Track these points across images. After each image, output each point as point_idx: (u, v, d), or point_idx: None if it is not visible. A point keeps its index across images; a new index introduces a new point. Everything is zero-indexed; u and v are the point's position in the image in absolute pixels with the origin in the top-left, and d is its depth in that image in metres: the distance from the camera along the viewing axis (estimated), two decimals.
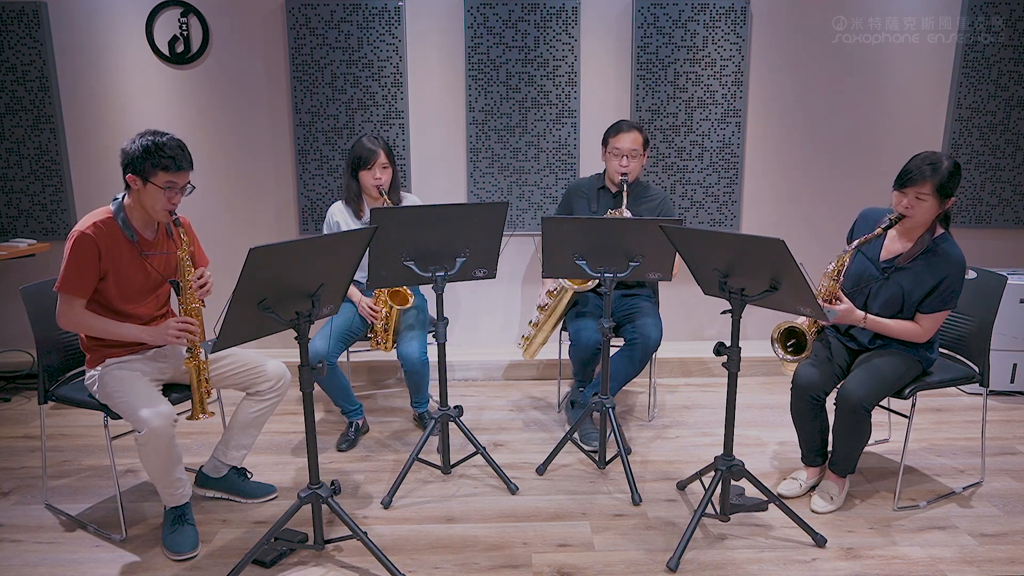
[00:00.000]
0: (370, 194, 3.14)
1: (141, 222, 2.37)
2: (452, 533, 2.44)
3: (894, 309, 2.47)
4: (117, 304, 2.34)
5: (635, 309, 3.14)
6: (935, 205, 2.33)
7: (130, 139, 2.26)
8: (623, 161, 3.10)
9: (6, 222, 3.87)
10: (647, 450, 3.07)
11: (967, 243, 4.04)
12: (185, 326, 2.31)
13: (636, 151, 3.10)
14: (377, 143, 3.09)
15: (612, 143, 3.13)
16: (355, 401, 3.16)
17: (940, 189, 2.30)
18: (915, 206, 2.33)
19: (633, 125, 3.14)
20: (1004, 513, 2.56)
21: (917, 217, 2.36)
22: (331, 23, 3.71)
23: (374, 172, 3.07)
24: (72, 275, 2.25)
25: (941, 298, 2.39)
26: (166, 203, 2.28)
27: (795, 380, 2.55)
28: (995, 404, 3.54)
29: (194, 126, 3.83)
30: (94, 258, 2.26)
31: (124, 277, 2.34)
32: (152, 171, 2.23)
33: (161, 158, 2.22)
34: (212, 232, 3.91)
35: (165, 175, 2.24)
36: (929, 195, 2.30)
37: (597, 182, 3.30)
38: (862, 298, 2.52)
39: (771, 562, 2.27)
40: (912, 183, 2.31)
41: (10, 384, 3.85)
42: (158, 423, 2.18)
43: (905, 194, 2.34)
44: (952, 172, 2.30)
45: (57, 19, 3.69)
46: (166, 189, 2.26)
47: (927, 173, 2.29)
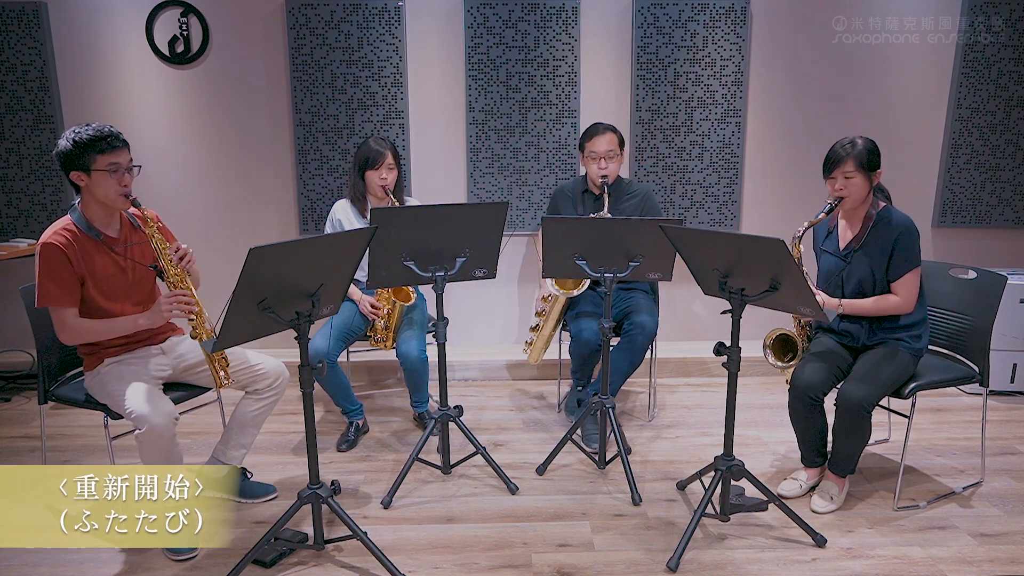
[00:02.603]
0: (375, 194, 3.16)
1: (102, 220, 2.33)
2: (452, 533, 2.45)
3: (868, 290, 2.55)
4: (104, 306, 2.32)
5: (631, 303, 3.14)
6: (863, 180, 2.47)
7: (57, 143, 2.23)
8: (601, 164, 3.10)
9: (6, 222, 3.87)
10: (647, 450, 3.07)
11: (967, 243, 4.11)
12: (175, 298, 2.27)
13: (613, 152, 3.11)
14: (384, 144, 3.13)
15: (588, 147, 3.13)
16: (355, 401, 3.16)
17: (862, 164, 2.45)
18: (846, 186, 2.47)
19: (607, 127, 3.13)
20: (1004, 513, 2.56)
21: (853, 195, 2.49)
22: (331, 23, 3.71)
23: (380, 172, 3.10)
24: (50, 287, 2.21)
25: (902, 259, 2.47)
26: (118, 188, 2.24)
27: (793, 381, 2.56)
28: (995, 404, 3.54)
29: (194, 126, 3.83)
30: (66, 264, 2.22)
31: (102, 278, 2.31)
32: (91, 158, 2.19)
33: (94, 142, 2.18)
34: (212, 232, 3.91)
35: (104, 157, 2.20)
36: (854, 171, 2.45)
37: (581, 185, 3.30)
38: (837, 290, 2.61)
39: (771, 562, 2.27)
40: (836, 165, 2.47)
41: (10, 384, 3.84)
42: (158, 420, 2.18)
43: (835, 178, 2.49)
44: (869, 148, 2.46)
45: (57, 19, 3.69)
46: (112, 172, 2.22)
47: (847, 152, 2.46)
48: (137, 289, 2.41)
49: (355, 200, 3.20)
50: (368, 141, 3.16)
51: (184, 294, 2.28)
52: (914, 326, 2.54)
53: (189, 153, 3.87)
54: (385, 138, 3.23)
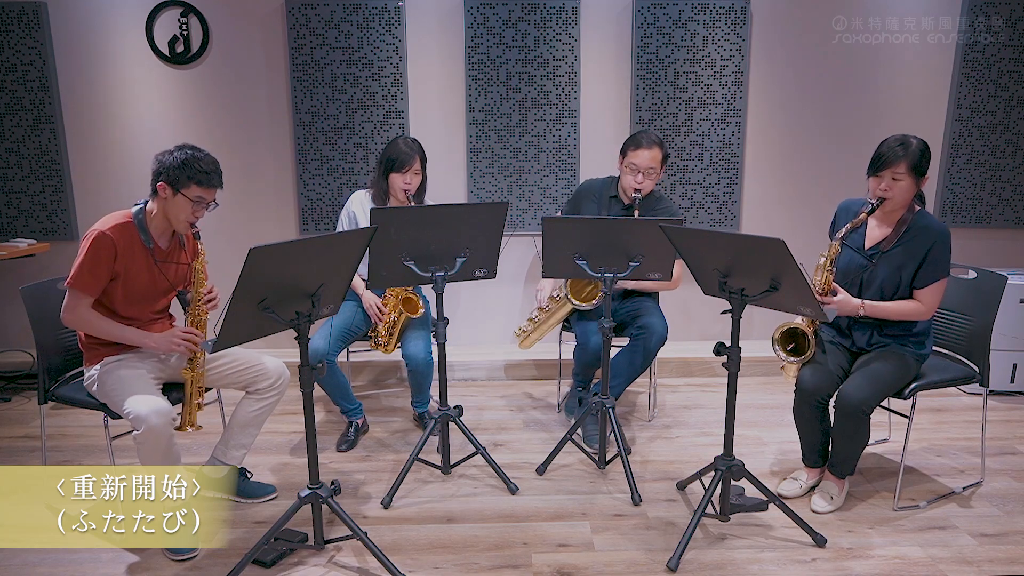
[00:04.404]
0: (396, 196, 3.09)
1: (159, 231, 2.40)
2: (452, 533, 2.44)
3: (889, 293, 2.48)
4: (120, 307, 2.36)
5: (638, 308, 3.13)
6: (911, 184, 2.38)
7: (168, 149, 2.31)
8: (638, 177, 2.98)
9: (6, 222, 3.87)
10: (647, 450, 3.07)
11: (967, 243, 4.10)
12: (190, 335, 2.36)
13: (653, 169, 2.98)
14: (413, 147, 3.05)
15: (630, 157, 3.00)
16: (354, 400, 3.16)
17: (914, 167, 2.36)
18: (892, 187, 2.38)
19: (654, 140, 2.98)
20: (1004, 513, 2.56)
21: (896, 198, 2.40)
22: (331, 23, 3.71)
23: (406, 177, 3.03)
24: (85, 273, 2.26)
25: (933, 268, 2.41)
26: (190, 216, 2.34)
27: (799, 384, 2.54)
28: (995, 404, 3.54)
29: (194, 126, 3.83)
30: (110, 259, 2.28)
31: (133, 282, 2.36)
32: (186, 183, 2.28)
33: (198, 172, 2.28)
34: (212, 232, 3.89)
35: (198, 189, 2.30)
36: (904, 174, 2.36)
37: (610, 188, 3.19)
38: (854, 289, 2.54)
39: (771, 562, 2.27)
40: (887, 165, 2.37)
41: (10, 384, 3.84)
42: (156, 421, 2.18)
43: (881, 177, 2.39)
44: (923, 150, 2.37)
45: (57, 19, 3.69)
46: (195, 203, 2.31)
47: (900, 153, 2.35)
48: (157, 302, 2.48)
49: (376, 198, 3.12)
50: (397, 141, 3.07)
51: (198, 335, 2.38)
52: (920, 332, 2.52)
53: None
54: (415, 140, 3.12)
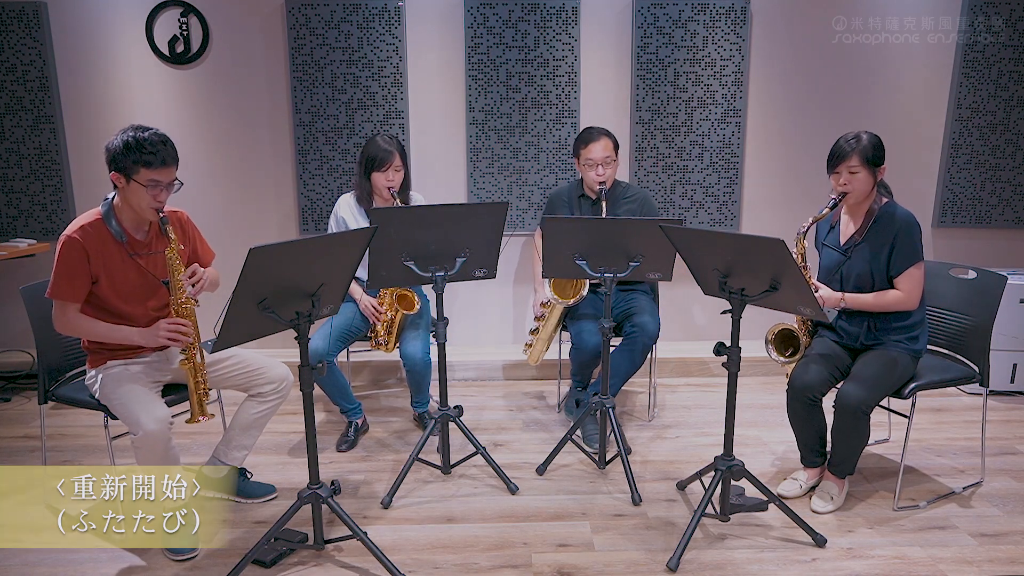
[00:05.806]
0: (381, 195, 3.10)
1: (132, 222, 2.30)
2: (452, 533, 2.44)
3: (867, 285, 2.54)
4: (116, 306, 2.31)
5: (632, 305, 3.14)
6: (867, 175, 2.47)
7: (114, 135, 2.18)
8: (599, 170, 3.07)
9: (6, 222, 3.87)
10: (647, 450, 3.07)
11: (967, 243, 4.10)
12: (176, 327, 2.25)
13: (609, 158, 3.08)
14: (392, 144, 3.04)
15: (584, 154, 3.09)
16: (354, 400, 3.16)
17: (867, 159, 2.45)
18: (851, 180, 2.47)
19: (601, 131, 3.09)
20: (1004, 513, 2.56)
21: (856, 189, 2.48)
22: (331, 23, 3.71)
23: (387, 174, 3.03)
24: (62, 281, 2.21)
25: (903, 255, 2.47)
26: (152, 201, 2.20)
27: (791, 381, 2.56)
28: (995, 404, 3.54)
29: (194, 126, 3.83)
30: (82, 262, 2.21)
31: (118, 280, 2.29)
32: (134, 168, 2.15)
33: (142, 154, 2.14)
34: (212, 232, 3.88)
35: (148, 172, 2.16)
36: (859, 166, 2.45)
37: (577, 189, 3.28)
38: (836, 284, 2.61)
39: (771, 562, 2.27)
40: (841, 159, 2.47)
41: (10, 384, 3.84)
42: (153, 427, 2.17)
43: (839, 173, 2.49)
44: (875, 143, 2.47)
45: (57, 19, 3.69)
46: (150, 187, 2.19)
47: (852, 146, 2.46)
48: (155, 294, 2.38)
49: (361, 200, 3.14)
50: (376, 140, 3.06)
51: (184, 324, 2.26)
52: (912, 327, 2.53)
53: (189, 153, 3.85)
54: (393, 136, 3.14)
